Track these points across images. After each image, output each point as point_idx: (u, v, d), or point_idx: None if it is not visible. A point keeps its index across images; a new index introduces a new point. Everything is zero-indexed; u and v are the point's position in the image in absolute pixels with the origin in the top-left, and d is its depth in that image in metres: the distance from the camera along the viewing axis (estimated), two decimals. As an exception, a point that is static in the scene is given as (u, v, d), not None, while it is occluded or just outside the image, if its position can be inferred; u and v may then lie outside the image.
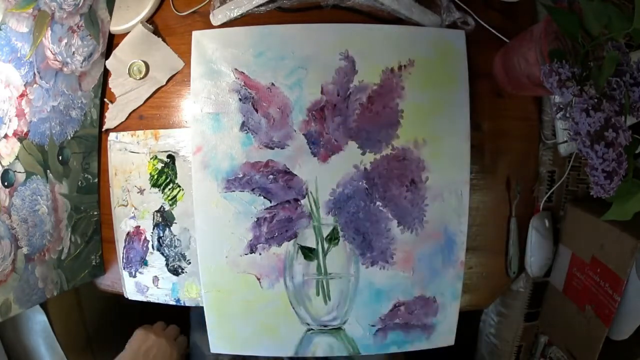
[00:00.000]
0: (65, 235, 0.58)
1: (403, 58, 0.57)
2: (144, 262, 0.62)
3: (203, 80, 0.58)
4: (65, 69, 0.56)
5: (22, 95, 0.51)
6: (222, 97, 0.58)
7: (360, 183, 0.58)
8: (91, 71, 0.60)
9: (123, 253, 0.63)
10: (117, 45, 0.61)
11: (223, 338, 0.61)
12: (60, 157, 0.57)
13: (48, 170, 0.55)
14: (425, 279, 0.59)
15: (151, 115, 0.61)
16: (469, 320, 0.71)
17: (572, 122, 0.41)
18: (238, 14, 0.58)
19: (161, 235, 0.61)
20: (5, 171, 0.49)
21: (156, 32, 0.60)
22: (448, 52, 0.58)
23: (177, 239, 0.61)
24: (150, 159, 0.61)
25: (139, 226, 0.62)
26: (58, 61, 0.55)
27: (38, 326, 0.61)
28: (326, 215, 0.58)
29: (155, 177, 0.61)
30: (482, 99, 0.59)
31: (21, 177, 0.51)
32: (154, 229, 0.62)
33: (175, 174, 0.60)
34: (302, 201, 0.58)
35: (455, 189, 0.59)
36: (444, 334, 0.61)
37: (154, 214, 0.61)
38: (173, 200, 0.61)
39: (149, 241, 0.62)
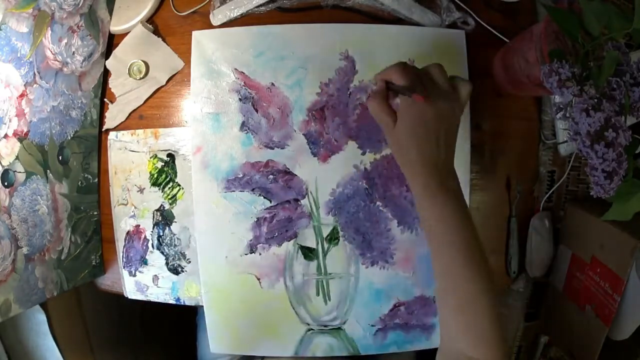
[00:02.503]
0: (65, 235, 0.58)
1: (403, 58, 0.57)
2: (143, 261, 0.62)
3: (203, 80, 0.58)
4: (65, 69, 0.56)
5: (22, 95, 0.51)
6: (222, 97, 0.58)
7: (360, 183, 0.58)
8: (91, 71, 0.60)
9: (123, 252, 0.63)
10: (117, 45, 0.61)
11: (223, 338, 0.61)
12: (60, 157, 0.57)
13: (48, 170, 0.55)
14: (426, 279, 0.59)
15: (151, 115, 0.61)
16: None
17: (572, 122, 0.41)
18: (238, 14, 0.58)
19: (161, 234, 0.61)
20: (5, 171, 0.49)
21: (156, 32, 0.60)
22: (448, 52, 0.58)
23: (177, 238, 0.61)
24: (150, 157, 0.61)
25: (139, 225, 0.62)
26: (58, 61, 0.55)
27: (38, 326, 0.61)
28: (326, 215, 0.58)
29: (155, 175, 0.61)
30: (482, 99, 0.59)
31: (21, 177, 0.51)
32: (153, 227, 0.62)
33: (175, 172, 0.60)
34: (302, 201, 0.58)
35: (455, 189, 0.58)
36: (444, 334, 0.61)
37: (153, 213, 0.61)
38: (173, 199, 0.61)
39: (148, 240, 0.62)
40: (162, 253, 0.62)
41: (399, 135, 0.42)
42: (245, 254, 0.59)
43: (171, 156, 0.60)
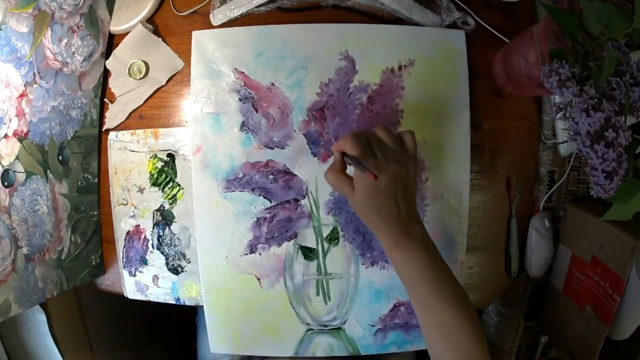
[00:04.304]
0: (65, 235, 0.58)
1: (403, 58, 0.57)
2: (143, 261, 0.62)
3: (203, 80, 0.58)
4: (65, 69, 0.56)
5: (22, 95, 0.51)
6: (222, 97, 0.58)
7: (360, 183, 0.58)
8: (91, 71, 0.60)
9: (123, 252, 0.63)
10: (117, 45, 0.61)
11: (223, 338, 0.61)
12: (60, 157, 0.57)
13: (48, 170, 0.55)
14: (425, 279, 0.59)
15: (151, 115, 0.61)
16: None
17: (572, 122, 0.41)
18: (238, 14, 0.58)
19: (161, 234, 0.61)
20: (5, 171, 0.49)
21: (156, 32, 0.60)
22: (448, 52, 0.58)
23: (177, 238, 0.61)
24: (150, 157, 0.61)
25: (139, 225, 0.62)
26: (58, 61, 0.55)
27: (38, 326, 0.61)
28: (326, 215, 0.58)
29: (155, 175, 0.61)
30: (482, 99, 0.59)
31: (21, 177, 0.51)
32: (153, 227, 0.62)
33: (175, 172, 0.60)
34: (302, 201, 0.58)
35: (455, 189, 0.59)
36: (444, 334, 0.61)
37: (153, 213, 0.61)
38: (173, 199, 0.61)
39: (148, 240, 0.62)
40: (162, 253, 0.62)
41: (359, 203, 0.45)
42: (245, 254, 0.59)
43: (171, 156, 0.60)
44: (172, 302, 0.63)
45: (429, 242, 0.46)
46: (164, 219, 0.61)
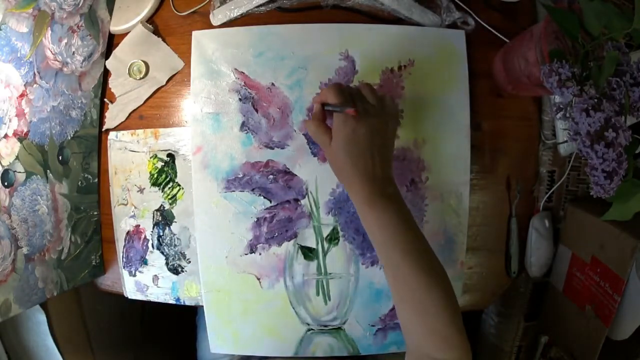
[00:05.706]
0: (65, 235, 0.58)
1: (403, 58, 0.57)
2: (143, 261, 0.62)
3: (203, 80, 0.58)
4: (65, 69, 0.56)
5: (22, 95, 0.51)
6: (222, 97, 0.58)
7: (360, 183, 0.58)
8: (91, 71, 0.60)
9: (123, 252, 0.63)
10: (117, 45, 0.61)
11: (223, 338, 0.61)
12: (60, 157, 0.57)
13: (48, 170, 0.55)
14: (425, 279, 0.59)
15: (151, 115, 0.61)
16: (469, 320, 0.71)
17: (572, 122, 0.41)
18: (238, 14, 0.58)
19: (161, 234, 0.61)
20: (5, 171, 0.49)
21: (156, 32, 0.60)
22: (448, 52, 0.58)
23: (177, 238, 0.61)
24: (150, 157, 0.61)
25: (139, 225, 0.62)
26: (58, 61, 0.55)
27: (38, 326, 0.61)
28: (326, 215, 0.58)
29: (155, 175, 0.61)
30: (482, 99, 0.59)
31: (21, 177, 0.51)
32: (153, 227, 0.62)
33: (175, 172, 0.60)
34: (302, 201, 0.58)
35: (455, 189, 0.59)
36: (444, 334, 0.61)
37: (153, 213, 0.61)
38: (173, 199, 0.61)
39: (148, 240, 0.62)
40: (162, 253, 0.62)
41: (335, 152, 0.45)
42: (245, 254, 0.59)
43: (171, 156, 0.60)
44: (172, 302, 0.63)
45: (403, 205, 0.45)
46: (164, 219, 0.61)
